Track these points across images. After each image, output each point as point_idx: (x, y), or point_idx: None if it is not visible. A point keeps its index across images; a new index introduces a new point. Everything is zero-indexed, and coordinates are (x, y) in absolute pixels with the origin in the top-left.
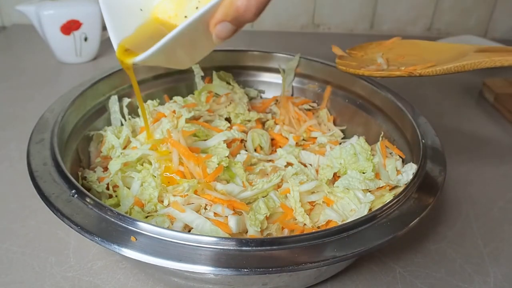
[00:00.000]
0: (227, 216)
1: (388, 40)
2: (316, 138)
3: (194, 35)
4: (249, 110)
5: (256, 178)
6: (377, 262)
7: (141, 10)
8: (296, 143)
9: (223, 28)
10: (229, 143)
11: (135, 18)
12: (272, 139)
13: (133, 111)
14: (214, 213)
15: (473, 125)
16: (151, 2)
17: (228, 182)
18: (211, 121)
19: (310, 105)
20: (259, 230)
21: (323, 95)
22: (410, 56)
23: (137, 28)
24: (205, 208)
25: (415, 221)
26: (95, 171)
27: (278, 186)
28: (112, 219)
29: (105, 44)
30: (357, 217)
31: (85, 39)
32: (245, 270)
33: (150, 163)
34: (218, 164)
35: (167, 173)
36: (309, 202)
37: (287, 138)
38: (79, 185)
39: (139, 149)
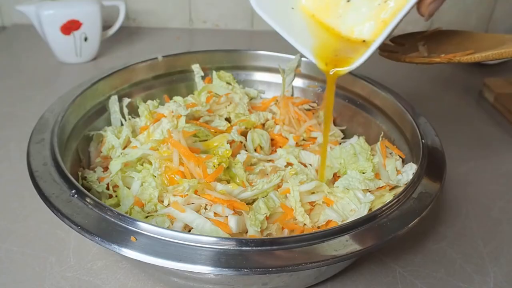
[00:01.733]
0: (227, 216)
1: (429, 30)
2: (316, 138)
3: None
4: (249, 110)
5: (256, 178)
6: (377, 262)
7: (292, 8)
8: (296, 143)
9: (436, 4)
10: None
11: (296, 20)
12: (272, 139)
13: (133, 111)
14: (214, 213)
15: (473, 125)
16: None
17: (228, 182)
18: (211, 121)
19: (310, 105)
20: (259, 230)
21: (323, 95)
22: (450, 45)
23: (309, 31)
24: (205, 208)
25: (415, 221)
26: (95, 171)
27: (278, 186)
28: (112, 219)
29: (105, 44)
30: (357, 217)
31: (85, 39)
32: (245, 270)
33: (150, 163)
34: (218, 164)
35: (169, 175)
36: (309, 202)
37: (287, 138)
38: (79, 185)
39: (140, 148)
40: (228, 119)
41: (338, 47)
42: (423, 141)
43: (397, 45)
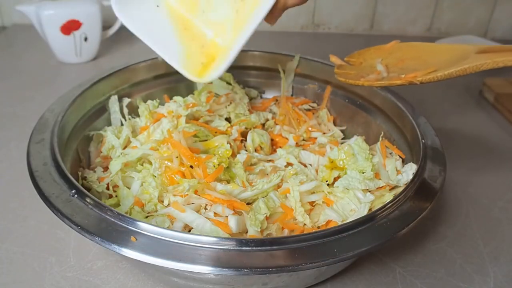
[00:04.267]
0: (227, 216)
1: (387, 44)
2: (316, 138)
3: None
4: (249, 110)
5: (256, 178)
6: (377, 262)
7: (157, 6)
8: (296, 143)
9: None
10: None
11: (162, 21)
12: (272, 139)
13: (133, 111)
14: (214, 213)
15: (473, 125)
16: None
17: (228, 182)
18: (211, 121)
19: (310, 105)
20: (259, 230)
21: (323, 95)
22: (410, 60)
23: (177, 38)
24: (205, 208)
25: (415, 221)
26: (95, 171)
27: (278, 186)
28: (112, 219)
29: (105, 44)
30: (357, 217)
31: (85, 39)
32: (245, 270)
33: (150, 163)
34: (218, 164)
35: (169, 175)
36: (309, 202)
37: (287, 138)
38: (79, 185)
39: (140, 148)
40: (228, 119)
41: (204, 51)
42: (423, 141)
43: (354, 64)
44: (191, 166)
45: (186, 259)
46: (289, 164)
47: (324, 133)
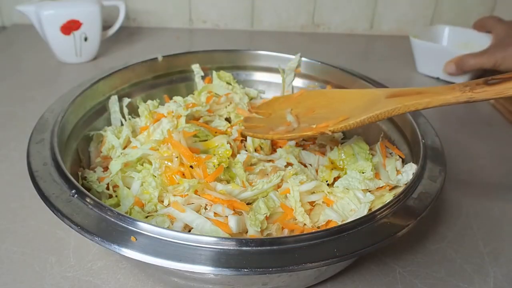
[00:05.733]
0: (227, 216)
1: (295, 93)
2: (316, 138)
3: None
4: (249, 110)
5: (256, 178)
6: (377, 262)
7: None
8: (296, 143)
9: None
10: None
11: None
12: (272, 139)
13: (133, 111)
14: (214, 213)
15: (473, 125)
16: None
17: (228, 182)
18: (211, 121)
19: None
20: (259, 230)
21: None
22: (320, 108)
23: None
24: (205, 208)
25: (415, 221)
26: (95, 171)
27: (278, 186)
28: (112, 219)
29: (105, 44)
30: (357, 217)
31: (85, 39)
32: (245, 270)
33: (150, 163)
34: (218, 164)
35: (169, 175)
36: (309, 202)
37: None
38: (79, 185)
39: (140, 149)
40: (228, 119)
41: None
42: (423, 141)
43: (263, 115)
44: (191, 166)
45: (186, 259)
46: (289, 164)
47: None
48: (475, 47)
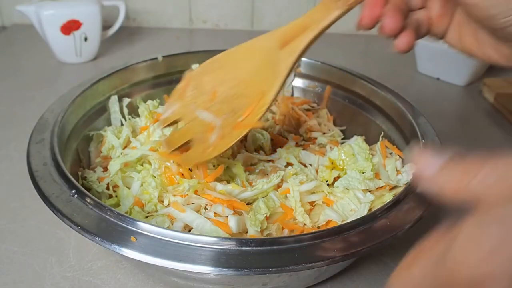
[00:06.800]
0: (227, 216)
1: (180, 84)
2: (316, 138)
3: None
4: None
5: (256, 178)
6: (377, 262)
7: None
8: (296, 143)
9: None
10: None
11: None
12: (272, 139)
13: (133, 111)
14: (214, 213)
15: (473, 125)
16: None
17: (228, 183)
18: None
19: (310, 105)
20: (259, 230)
21: (323, 95)
22: (221, 87)
23: None
24: (205, 208)
25: (415, 221)
26: (95, 171)
27: (278, 186)
28: (112, 219)
29: (105, 44)
30: (357, 217)
31: (85, 39)
32: (245, 270)
33: (150, 163)
34: (218, 164)
35: (169, 175)
36: (309, 202)
37: (287, 139)
38: (79, 185)
39: (139, 149)
40: None
41: None
42: (423, 141)
43: (173, 127)
44: (189, 169)
45: (186, 259)
46: (289, 164)
47: (324, 133)
48: None
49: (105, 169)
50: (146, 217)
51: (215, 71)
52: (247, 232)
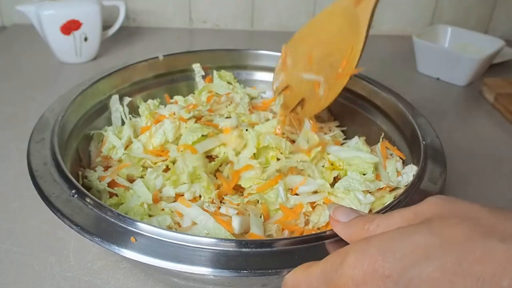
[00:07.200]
0: (231, 217)
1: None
2: None
3: None
4: (250, 110)
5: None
6: None
7: None
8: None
9: None
10: None
11: None
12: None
13: (133, 111)
14: (219, 213)
15: (473, 125)
16: None
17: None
18: (211, 121)
19: None
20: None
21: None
22: (316, 49)
23: None
24: (213, 202)
25: None
26: (95, 171)
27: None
28: (112, 220)
29: (105, 44)
30: None
31: (85, 39)
32: (244, 271)
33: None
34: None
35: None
36: (310, 203)
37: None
38: (79, 185)
39: (143, 156)
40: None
41: None
42: (424, 142)
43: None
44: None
45: (186, 260)
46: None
47: (325, 133)
48: (474, 48)
49: (106, 168)
50: (150, 215)
51: (305, 40)
52: (247, 232)
